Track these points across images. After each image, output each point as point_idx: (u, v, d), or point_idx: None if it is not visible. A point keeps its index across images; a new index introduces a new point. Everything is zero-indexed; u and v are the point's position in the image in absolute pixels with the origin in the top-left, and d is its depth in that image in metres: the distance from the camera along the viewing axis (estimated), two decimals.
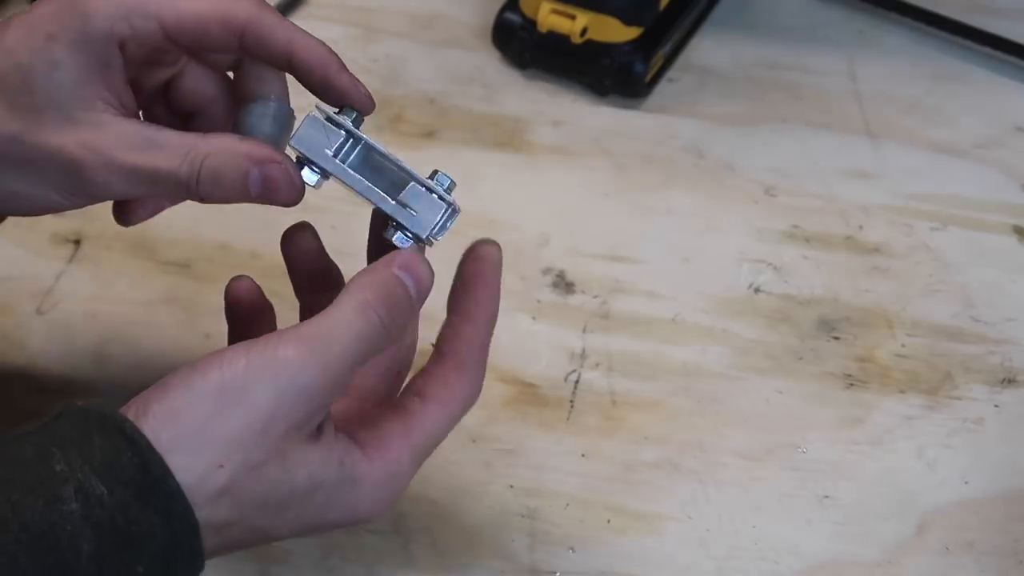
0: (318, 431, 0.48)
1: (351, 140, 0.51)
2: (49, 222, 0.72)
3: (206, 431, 0.45)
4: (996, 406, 0.67)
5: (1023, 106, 0.82)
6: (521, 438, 0.64)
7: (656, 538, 0.61)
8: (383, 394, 0.53)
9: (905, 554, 0.61)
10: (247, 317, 0.53)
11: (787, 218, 0.75)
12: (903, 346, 0.69)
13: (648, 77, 0.80)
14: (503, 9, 0.82)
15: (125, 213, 0.57)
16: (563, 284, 0.71)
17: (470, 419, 0.64)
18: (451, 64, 0.83)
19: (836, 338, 0.69)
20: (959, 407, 0.66)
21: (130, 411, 0.45)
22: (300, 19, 0.84)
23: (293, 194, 0.51)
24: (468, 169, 0.76)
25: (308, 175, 0.51)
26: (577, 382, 0.67)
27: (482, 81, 0.82)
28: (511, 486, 0.63)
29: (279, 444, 0.46)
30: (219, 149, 0.50)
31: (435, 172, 0.51)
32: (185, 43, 0.51)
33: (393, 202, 0.51)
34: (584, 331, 0.69)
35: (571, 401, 0.66)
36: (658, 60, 0.81)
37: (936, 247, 0.74)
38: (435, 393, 0.50)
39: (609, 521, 0.62)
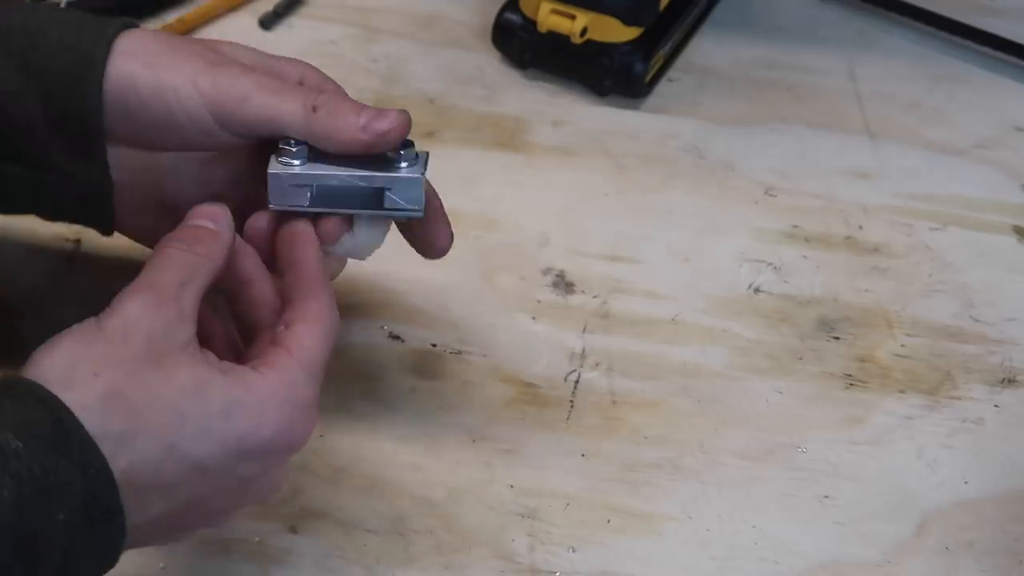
0: (189, 348, 0.50)
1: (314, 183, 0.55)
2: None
3: (79, 357, 0.48)
4: (996, 406, 0.67)
5: (1023, 106, 0.82)
6: (521, 438, 0.64)
7: (656, 538, 0.61)
8: None
9: (905, 554, 0.61)
10: None
11: (787, 218, 0.75)
12: (903, 346, 0.69)
13: (648, 77, 0.80)
14: (503, 9, 0.82)
15: None
16: (563, 284, 0.71)
17: (470, 419, 0.65)
18: (451, 64, 0.83)
19: (836, 338, 0.69)
20: (959, 407, 0.66)
21: (28, 372, 0.48)
22: (300, 19, 0.85)
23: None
24: (468, 169, 0.76)
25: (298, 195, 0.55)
26: (577, 382, 0.67)
27: (482, 81, 0.82)
28: (511, 486, 0.63)
29: (147, 352, 0.48)
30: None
31: (401, 150, 0.55)
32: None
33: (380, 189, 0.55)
34: (584, 331, 0.69)
35: (571, 401, 0.66)
36: (658, 60, 0.81)
37: (936, 247, 0.74)
38: (295, 317, 0.52)
39: (609, 521, 0.62)
